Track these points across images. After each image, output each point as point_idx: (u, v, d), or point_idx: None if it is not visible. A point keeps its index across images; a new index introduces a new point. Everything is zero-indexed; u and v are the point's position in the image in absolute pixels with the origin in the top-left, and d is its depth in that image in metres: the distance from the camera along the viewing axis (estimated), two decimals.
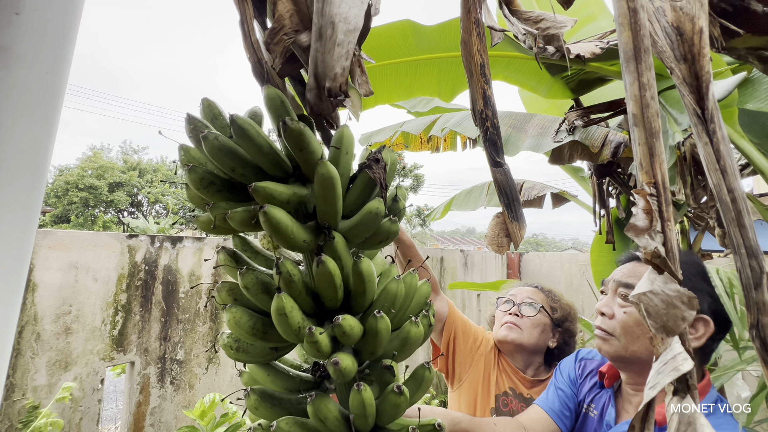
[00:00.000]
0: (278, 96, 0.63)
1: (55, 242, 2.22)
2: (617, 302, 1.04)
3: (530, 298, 1.57)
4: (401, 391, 0.60)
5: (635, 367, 1.02)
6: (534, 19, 1.18)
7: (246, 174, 0.61)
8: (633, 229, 0.63)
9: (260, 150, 0.60)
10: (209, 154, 0.59)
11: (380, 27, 1.66)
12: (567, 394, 1.19)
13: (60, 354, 2.20)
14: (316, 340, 0.58)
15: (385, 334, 0.61)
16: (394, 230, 0.67)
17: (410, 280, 0.69)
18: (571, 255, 6.54)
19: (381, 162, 0.65)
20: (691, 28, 0.70)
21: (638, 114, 0.66)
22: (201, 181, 0.60)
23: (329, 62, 0.62)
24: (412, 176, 29.06)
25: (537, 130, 2.08)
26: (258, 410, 0.64)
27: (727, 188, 0.66)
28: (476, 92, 0.93)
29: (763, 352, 0.61)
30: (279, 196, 0.59)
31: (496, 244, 0.95)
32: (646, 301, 0.61)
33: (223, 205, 0.61)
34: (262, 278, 0.62)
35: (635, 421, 0.58)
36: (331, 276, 0.60)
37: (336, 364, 0.57)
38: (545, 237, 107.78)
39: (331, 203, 0.61)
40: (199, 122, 0.62)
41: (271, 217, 0.56)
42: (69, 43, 0.49)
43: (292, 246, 0.61)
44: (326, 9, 0.64)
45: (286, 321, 0.58)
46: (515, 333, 1.49)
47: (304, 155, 0.61)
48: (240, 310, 0.62)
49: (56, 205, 25.47)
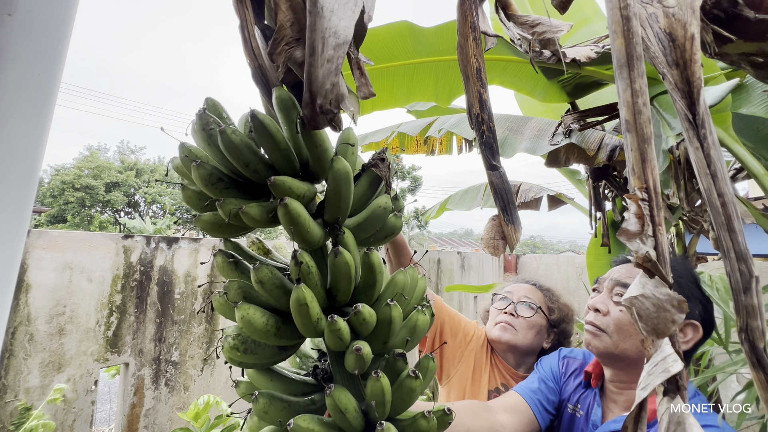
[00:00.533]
0: (290, 97, 0.64)
1: (49, 243, 2.20)
2: (613, 299, 1.06)
3: (528, 298, 1.51)
4: (417, 375, 0.61)
5: (622, 364, 1.03)
6: (530, 23, 1.19)
7: (258, 170, 0.62)
8: (625, 233, 0.64)
9: (278, 146, 0.61)
10: (225, 149, 0.59)
11: (378, 28, 1.66)
12: (550, 388, 1.19)
13: (53, 355, 2.18)
14: (339, 327, 0.58)
15: (398, 322, 0.62)
16: (399, 225, 0.70)
17: (413, 273, 0.71)
18: (568, 257, 6.56)
19: (386, 161, 0.69)
20: (683, 35, 0.71)
21: (631, 120, 0.67)
22: (210, 177, 0.61)
23: (320, 78, 0.63)
24: (410, 178, 29.10)
25: (533, 132, 2.09)
26: (268, 414, 0.63)
27: (717, 192, 0.67)
28: (472, 96, 0.93)
29: (752, 354, 0.62)
30: (297, 191, 0.60)
31: (492, 247, 0.96)
32: (637, 304, 0.62)
33: (233, 201, 0.61)
34: (277, 273, 0.62)
35: (628, 421, 0.58)
36: (348, 267, 0.61)
37: (358, 350, 0.57)
38: (543, 239, 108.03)
39: (345, 198, 0.63)
40: (212, 118, 0.63)
41: (291, 210, 0.57)
42: (62, 44, 0.49)
43: (307, 240, 0.61)
44: (318, 23, 0.64)
45: (307, 312, 0.58)
46: (509, 334, 1.45)
47: (320, 152, 0.63)
48: (252, 308, 0.61)
49: (52, 205, 25.33)
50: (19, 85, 0.42)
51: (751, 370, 0.60)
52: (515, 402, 1.15)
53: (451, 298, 5.35)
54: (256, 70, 0.70)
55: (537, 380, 1.21)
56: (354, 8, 0.70)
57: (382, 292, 0.67)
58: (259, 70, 0.69)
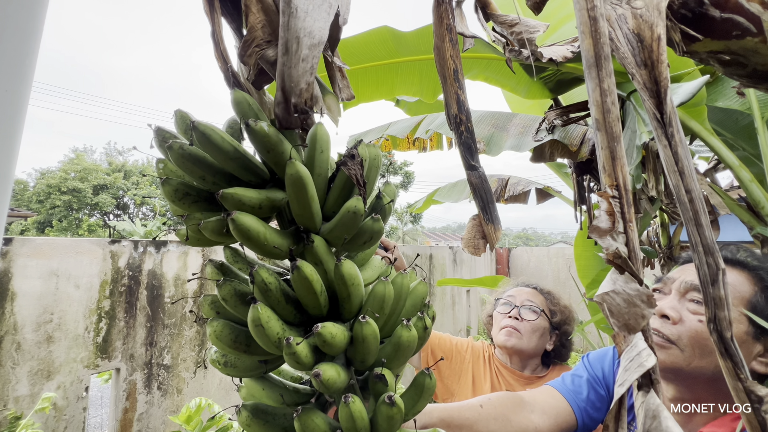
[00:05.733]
0: (245, 99, 0.61)
1: (33, 250, 2.17)
2: (686, 307, 0.90)
3: (530, 301, 1.54)
4: (393, 402, 0.55)
5: (688, 382, 0.88)
6: (509, 23, 1.20)
7: (217, 182, 0.59)
8: (596, 230, 0.65)
9: (227, 155, 0.57)
10: (176, 164, 0.57)
11: (359, 35, 1.66)
12: (600, 396, 1.04)
13: (42, 363, 2.16)
14: (294, 351, 0.53)
15: (372, 341, 0.57)
16: (378, 229, 0.64)
17: (400, 281, 0.65)
18: (558, 249, 6.65)
19: (357, 158, 0.62)
20: (650, 36, 0.73)
21: (600, 119, 0.68)
22: (175, 193, 0.59)
23: (295, 77, 0.62)
24: (402, 173, 29.10)
25: (518, 129, 2.12)
26: (250, 427, 0.60)
27: (685, 189, 0.68)
28: (450, 97, 0.94)
29: (720, 344, 0.64)
30: (249, 202, 0.56)
31: (473, 246, 0.97)
32: (608, 300, 0.63)
33: (198, 215, 0.59)
34: (240, 289, 0.60)
35: (608, 420, 0.59)
36: (308, 282, 0.57)
37: (317, 376, 0.52)
38: (535, 231, 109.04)
39: (305, 205, 0.59)
40: (167, 133, 0.60)
41: (239, 224, 0.54)
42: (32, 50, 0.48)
43: (268, 253, 0.58)
44: (291, 23, 0.64)
45: (264, 333, 0.55)
46: (515, 338, 1.47)
47: (273, 157, 0.59)
48: (221, 324, 0.60)
49: (39, 210, 24.82)
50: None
51: (720, 359, 0.62)
52: (556, 403, 1.02)
53: (444, 293, 5.40)
54: (226, 73, 0.69)
55: (586, 385, 1.06)
56: (329, 10, 0.70)
57: (364, 304, 0.62)
58: (230, 73, 0.69)
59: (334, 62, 0.73)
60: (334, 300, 0.63)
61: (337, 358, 0.60)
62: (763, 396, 0.58)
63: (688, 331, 0.87)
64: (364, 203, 0.61)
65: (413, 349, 0.61)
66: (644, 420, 0.56)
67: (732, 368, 0.62)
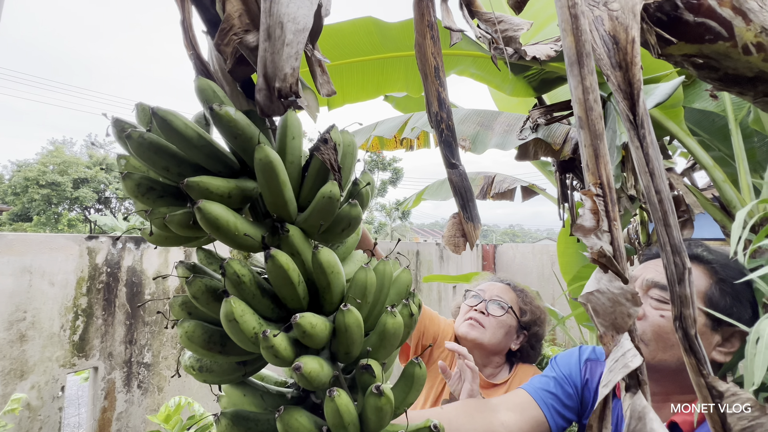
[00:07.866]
0: (209, 86, 0.58)
1: (5, 247, 2.09)
2: (649, 303, 0.93)
3: (499, 297, 1.50)
4: (381, 392, 0.52)
5: (656, 376, 0.90)
6: (494, 20, 1.20)
7: (183, 173, 0.55)
8: (580, 229, 0.65)
9: (190, 143, 0.54)
10: (137, 155, 0.53)
11: (343, 23, 1.64)
12: (567, 394, 1.06)
13: (15, 363, 2.09)
14: (272, 344, 0.50)
15: (355, 330, 0.55)
16: (355, 214, 0.61)
17: (383, 268, 0.62)
18: (543, 246, 6.77)
19: (330, 142, 0.59)
20: (625, 38, 0.74)
21: (583, 117, 0.68)
22: (138, 188, 0.55)
23: (278, 63, 0.61)
24: (391, 170, 29.11)
25: (503, 128, 2.13)
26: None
27: (655, 189, 0.69)
28: (431, 95, 0.94)
29: (685, 341, 0.65)
30: (217, 190, 0.53)
31: (453, 244, 0.98)
32: (593, 300, 0.62)
33: (163, 210, 0.56)
34: (212, 285, 0.57)
35: (592, 420, 0.60)
36: (284, 271, 0.53)
37: (297, 369, 0.49)
38: (521, 228, 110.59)
39: (277, 192, 0.55)
40: (126, 124, 0.56)
41: (206, 213, 0.50)
42: None
43: (241, 245, 0.55)
44: (274, 8, 0.62)
45: (238, 328, 0.52)
46: (477, 331, 1.44)
47: (241, 143, 0.55)
48: (192, 324, 0.56)
49: (14, 203, 23.96)
50: None
51: (684, 356, 0.63)
52: (521, 400, 1.05)
53: (430, 289, 5.44)
54: (196, 62, 0.67)
55: (552, 381, 1.08)
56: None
57: (347, 293, 0.60)
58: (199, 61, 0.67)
59: (314, 56, 0.71)
60: (314, 292, 0.60)
61: (321, 353, 0.57)
62: (724, 391, 0.59)
63: (651, 326, 0.91)
64: (341, 189, 0.59)
65: (399, 337, 0.59)
66: (629, 421, 0.55)
67: (695, 364, 0.63)
